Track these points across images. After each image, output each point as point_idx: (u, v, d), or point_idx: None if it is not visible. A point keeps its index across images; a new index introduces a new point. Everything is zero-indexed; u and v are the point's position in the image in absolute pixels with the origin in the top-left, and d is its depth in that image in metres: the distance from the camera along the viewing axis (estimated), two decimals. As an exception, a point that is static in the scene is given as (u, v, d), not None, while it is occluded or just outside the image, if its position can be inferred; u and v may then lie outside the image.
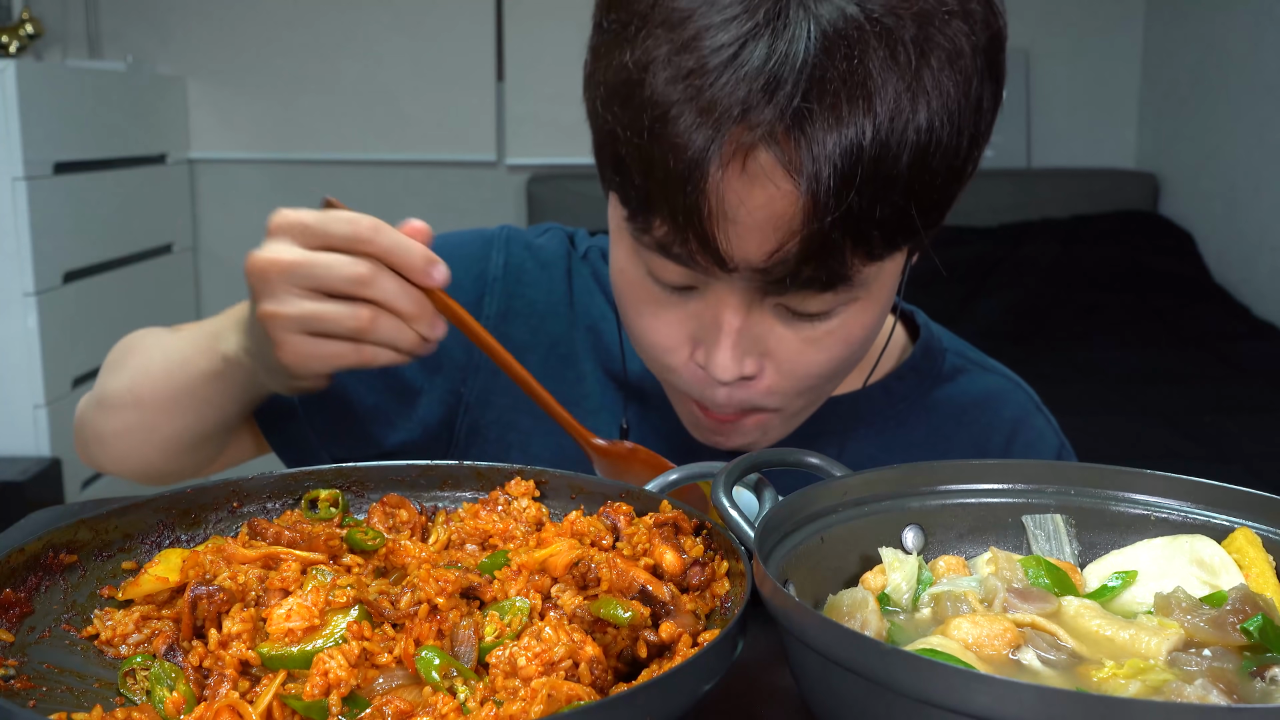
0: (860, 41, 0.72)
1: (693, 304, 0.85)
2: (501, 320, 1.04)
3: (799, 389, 0.87)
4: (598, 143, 0.83)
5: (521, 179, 3.73)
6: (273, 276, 0.79)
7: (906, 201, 0.76)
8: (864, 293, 0.83)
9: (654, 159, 0.75)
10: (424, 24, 3.66)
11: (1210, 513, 0.70)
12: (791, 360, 0.85)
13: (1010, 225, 3.61)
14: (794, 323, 0.84)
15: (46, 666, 0.59)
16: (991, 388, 1.08)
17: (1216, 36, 3.50)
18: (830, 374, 0.88)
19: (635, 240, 0.83)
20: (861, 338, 0.86)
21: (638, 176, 0.78)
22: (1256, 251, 3.34)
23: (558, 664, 0.56)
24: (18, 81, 2.62)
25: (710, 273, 0.80)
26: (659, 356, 0.88)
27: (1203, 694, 0.53)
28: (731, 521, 0.66)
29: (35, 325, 2.71)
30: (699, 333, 0.85)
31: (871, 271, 0.81)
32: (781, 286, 0.79)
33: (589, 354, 1.05)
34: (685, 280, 0.83)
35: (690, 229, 0.76)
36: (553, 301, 1.06)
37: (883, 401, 1.04)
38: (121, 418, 0.98)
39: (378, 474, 0.77)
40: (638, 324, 0.88)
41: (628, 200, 0.81)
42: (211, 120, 3.68)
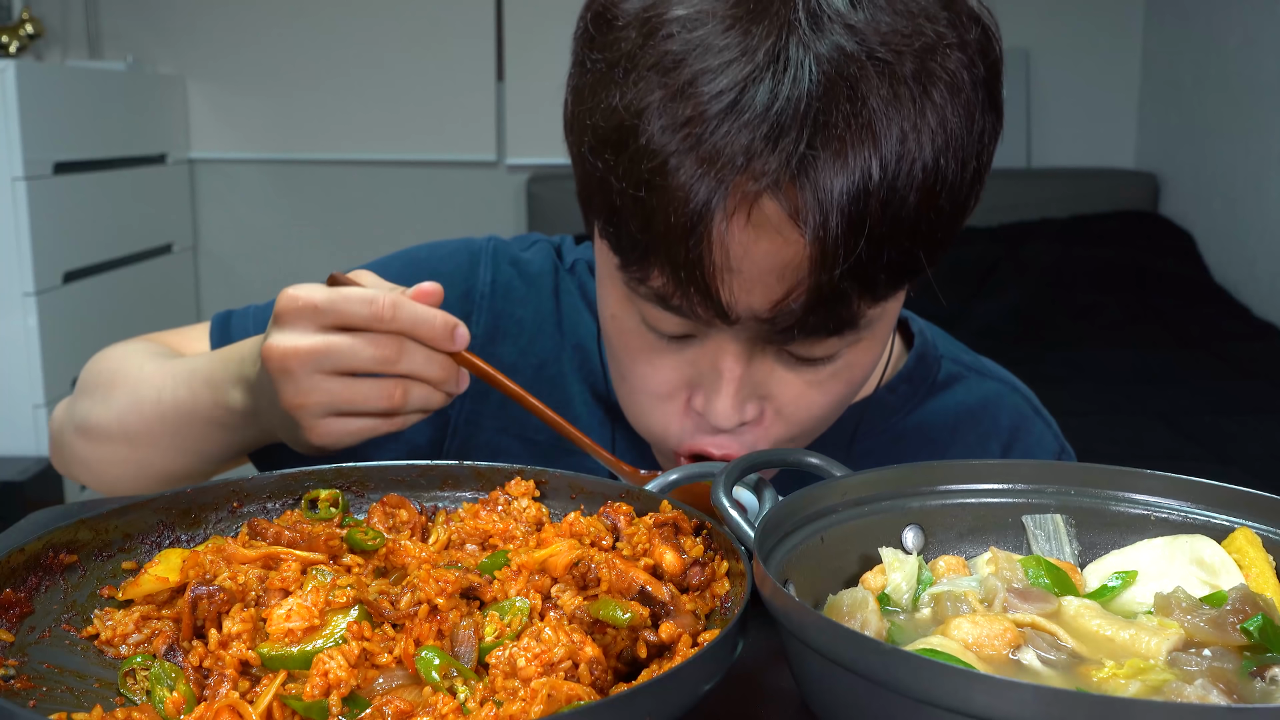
0: (862, 79, 0.70)
1: (690, 351, 0.82)
2: (489, 340, 1.02)
3: (796, 432, 0.85)
4: (584, 189, 0.80)
5: (521, 179, 3.73)
6: (294, 366, 0.77)
7: (913, 243, 0.74)
8: (868, 333, 0.81)
9: (653, 210, 0.72)
10: (424, 24, 3.66)
11: (1210, 513, 0.70)
12: (793, 403, 0.83)
13: (1010, 225, 3.61)
14: (797, 368, 0.81)
15: (46, 666, 0.59)
16: (988, 395, 1.06)
17: (1216, 36, 3.50)
18: (830, 415, 0.86)
19: (629, 289, 0.80)
20: (863, 376, 0.85)
21: (634, 227, 0.74)
22: (1256, 251, 3.34)
23: (557, 664, 0.56)
24: (18, 81, 2.62)
25: (711, 324, 0.78)
26: (652, 405, 0.85)
27: (1203, 694, 0.53)
28: (731, 521, 0.66)
29: (35, 325, 2.72)
30: (696, 379, 0.82)
31: (875, 313, 0.79)
32: (787, 335, 0.77)
33: (576, 374, 1.02)
34: (684, 330, 0.80)
35: (692, 282, 0.74)
36: (540, 320, 1.03)
37: (876, 415, 1.02)
38: (111, 450, 0.96)
39: (378, 474, 0.77)
40: (632, 371, 0.85)
41: (622, 250, 0.77)
42: (211, 120, 3.68)
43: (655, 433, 0.88)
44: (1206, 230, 3.58)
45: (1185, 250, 3.57)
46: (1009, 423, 1.06)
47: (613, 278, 0.82)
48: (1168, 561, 0.67)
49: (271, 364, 0.78)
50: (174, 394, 0.92)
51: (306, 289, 0.78)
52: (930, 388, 1.04)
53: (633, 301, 0.81)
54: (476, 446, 1.02)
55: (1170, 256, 3.53)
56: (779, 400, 0.83)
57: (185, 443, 0.93)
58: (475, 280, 1.04)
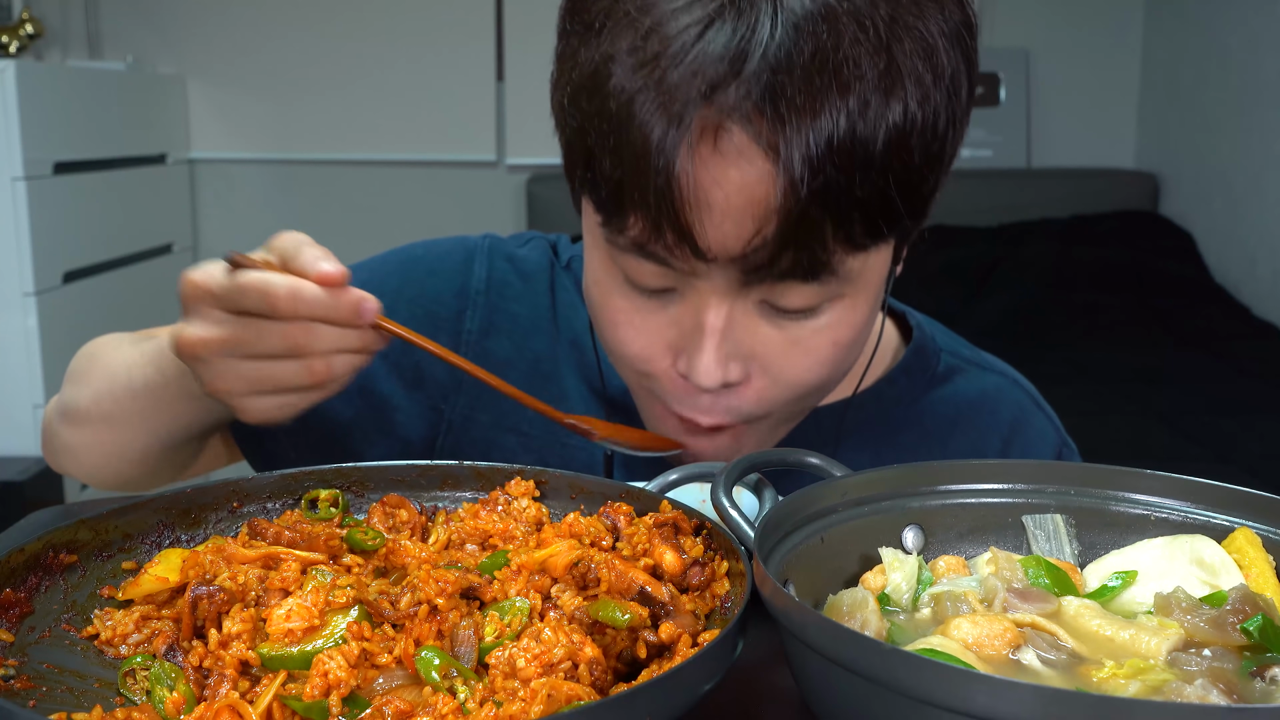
0: (830, 21, 0.71)
1: (672, 309, 0.82)
2: (484, 335, 1.02)
3: (787, 396, 0.85)
4: (567, 147, 0.81)
5: (521, 179, 3.73)
6: (205, 355, 0.77)
7: (885, 182, 0.74)
8: (850, 289, 0.81)
9: (622, 147, 0.74)
10: (424, 24, 3.66)
11: (1210, 513, 0.70)
12: (778, 364, 0.82)
13: (1010, 225, 3.61)
14: (779, 321, 0.81)
15: (46, 666, 0.59)
16: (988, 388, 1.06)
17: (1216, 36, 3.50)
18: (819, 381, 0.85)
19: (610, 245, 0.81)
20: (850, 340, 0.84)
21: (608, 169, 0.76)
22: (1256, 251, 3.34)
23: (557, 665, 0.56)
24: (18, 81, 2.62)
25: (689, 268, 0.78)
26: (638, 367, 0.85)
27: (1203, 694, 0.53)
28: (731, 521, 0.66)
29: (35, 325, 2.71)
30: (679, 340, 0.82)
31: (856, 265, 0.79)
32: (762, 275, 0.77)
33: (572, 369, 1.02)
34: (663, 282, 0.81)
35: (664, 218, 0.74)
36: (535, 316, 1.03)
37: (874, 408, 1.01)
38: (91, 433, 0.97)
39: (378, 474, 0.77)
40: (614, 335, 0.85)
41: (600, 200, 0.79)
42: (211, 120, 3.68)
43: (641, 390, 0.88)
44: (1206, 230, 3.58)
45: (1185, 250, 3.57)
46: (1009, 416, 1.05)
47: (596, 239, 0.83)
48: (1168, 561, 0.67)
49: (183, 354, 0.78)
50: (143, 371, 0.92)
51: (204, 273, 0.77)
52: (929, 380, 1.04)
53: (615, 261, 0.82)
54: (471, 442, 1.02)
55: (1170, 256, 3.52)
56: (764, 359, 0.82)
57: (158, 420, 0.92)
58: (470, 276, 1.04)
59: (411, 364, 1.02)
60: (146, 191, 3.35)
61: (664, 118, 0.72)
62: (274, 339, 0.75)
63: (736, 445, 0.89)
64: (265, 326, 0.75)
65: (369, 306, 0.77)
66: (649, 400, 0.89)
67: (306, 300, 0.75)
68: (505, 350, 1.02)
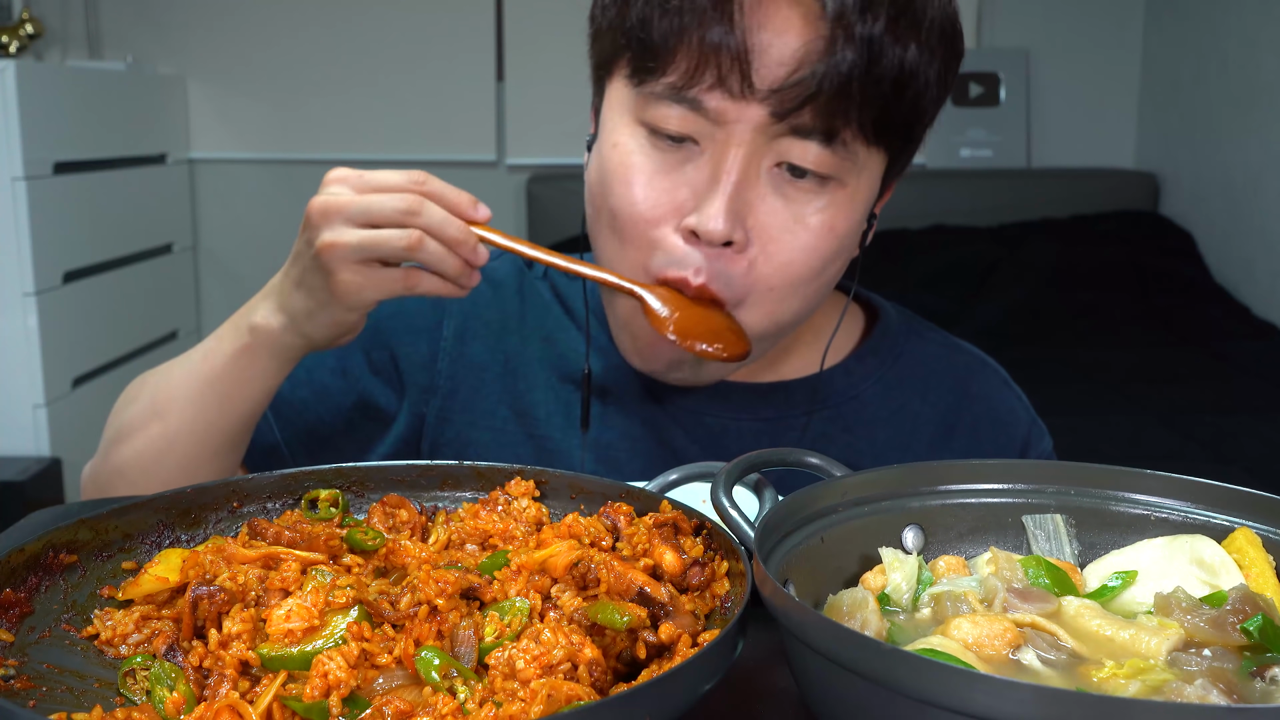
0: None
1: (689, 168, 0.88)
2: (459, 340, 1.07)
3: (774, 280, 0.89)
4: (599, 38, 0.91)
5: (521, 179, 3.73)
6: (331, 213, 0.85)
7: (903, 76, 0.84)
8: (852, 181, 0.88)
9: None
10: (424, 24, 3.66)
11: (1210, 513, 0.70)
12: (777, 237, 0.88)
13: (1010, 225, 3.61)
14: (787, 192, 0.87)
15: (46, 666, 0.59)
16: (957, 364, 1.09)
17: (1216, 36, 3.50)
18: (805, 270, 0.89)
19: (642, 101, 0.88)
20: (842, 233, 0.90)
21: (663, 21, 0.84)
22: (1256, 251, 3.34)
23: (556, 667, 0.56)
24: (18, 81, 2.61)
25: (719, 111, 0.84)
26: (640, 233, 0.89)
27: (1203, 694, 0.53)
28: (731, 521, 0.66)
29: (35, 325, 2.71)
30: (691, 200, 0.88)
31: (861, 156, 0.87)
32: (790, 123, 0.84)
33: (542, 364, 1.06)
34: (689, 128, 0.86)
35: (721, 49, 0.82)
36: (505, 318, 1.08)
37: (843, 383, 1.05)
38: (142, 437, 0.98)
39: (378, 474, 0.78)
40: (628, 195, 0.90)
41: (645, 50, 0.86)
42: (211, 120, 3.68)
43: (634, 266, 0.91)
44: (1206, 230, 3.58)
45: (1185, 250, 3.56)
46: (979, 392, 1.08)
47: (622, 105, 0.91)
48: (1168, 561, 0.67)
49: (314, 213, 0.86)
50: (202, 352, 0.97)
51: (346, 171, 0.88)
52: (895, 358, 1.07)
53: (641, 117, 0.89)
54: (446, 442, 1.06)
55: (1170, 256, 3.52)
56: (765, 232, 0.88)
57: (211, 392, 0.95)
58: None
59: (397, 375, 1.07)
60: (146, 191, 3.35)
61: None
62: (391, 203, 0.84)
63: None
64: (387, 195, 0.85)
65: (484, 206, 0.88)
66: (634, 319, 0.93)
67: (434, 180, 0.86)
68: (481, 353, 1.07)
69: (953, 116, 3.77)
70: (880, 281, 3.23)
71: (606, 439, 1.02)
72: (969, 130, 3.79)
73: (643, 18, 0.86)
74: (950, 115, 3.76)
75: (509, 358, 1.07)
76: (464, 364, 1.06)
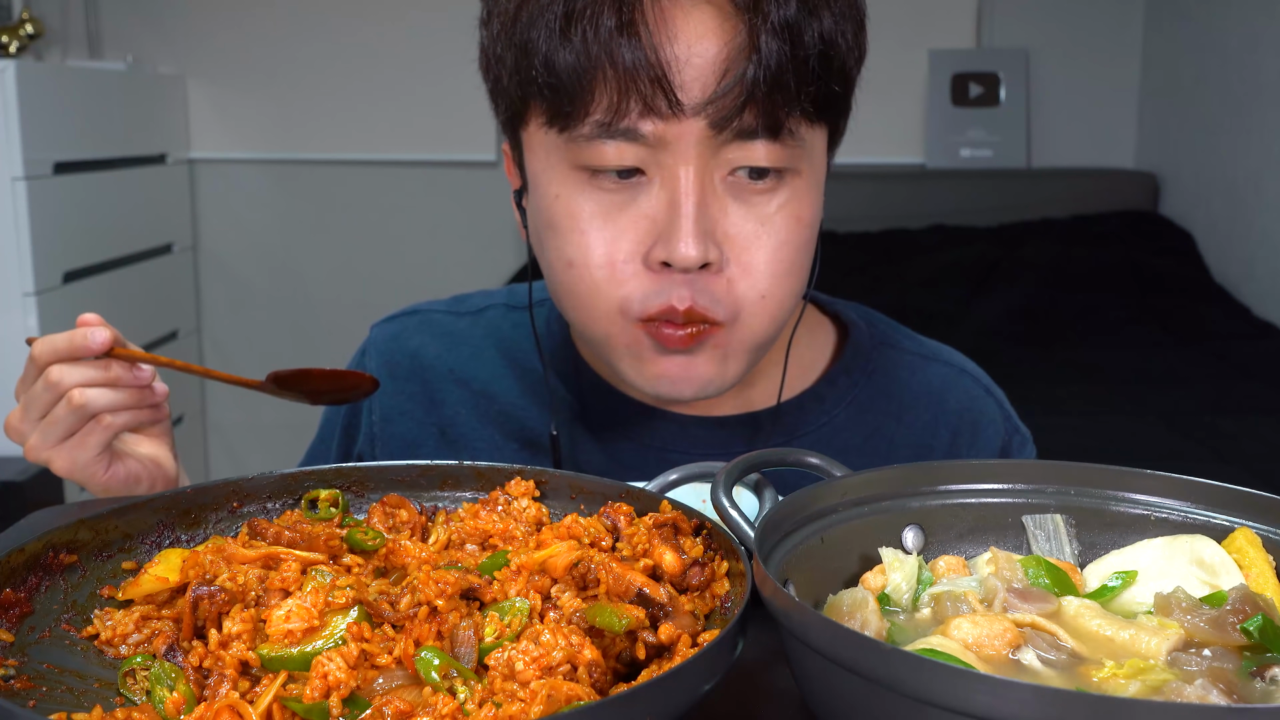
0: None
1: (641, 200, 0.84)
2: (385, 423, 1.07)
3: (760, 286, 0.86)
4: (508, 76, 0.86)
5: (521, 179, 3.73)
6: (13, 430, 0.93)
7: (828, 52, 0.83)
8: (806, 166, 0.86)
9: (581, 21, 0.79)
10: (424, 24, 3.66)
11: (1210, 513, 0.70)
12: (748, 245, 0.85)
13: (1010, 225, 3.61)
14: (746, 198, 0.85)
15: (46, 666, 0.59)
16: (932, 378, 1.05)
17: (1216, 36, 3.50)
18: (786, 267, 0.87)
19: (570, 147, 0.84)
20: (809, 220, 0.88)
21: (566, 55, 0.80)
22: (1256, 251, 3.34)
23: (555, 668, 0.56)
24: (18, 81, 2.61)
25: (658, 135, 0.81)
26: (609, 280, 0.85)
27: (1203, 694, 0.53)
28: (731, 521, 0.66)
29: (35, 325, 2.71)
30: (651, 232, 0.84)
31: (808, 137, 0.85)
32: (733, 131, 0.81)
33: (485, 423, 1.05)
34: (631, 159, 0.83)
35: (637, 76, 0.79)
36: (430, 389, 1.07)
37: (814, 409, 1.02)
38: None
39: (378, 474, 0.77)
40: (581, 244, 0.86)
41: (558, 96, 0.82)
42: (211, 120, 3.68)
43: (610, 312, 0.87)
44: (1206, 230, 3.58)
45: (1185, 250, 3.56)
46: (956, 405, 1.04)
47: (550, 157, 0.86)
48: (1168, 561, 0.67)
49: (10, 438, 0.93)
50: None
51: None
52: (868, 377, 1.03)
53: (575, 163, 0.85)
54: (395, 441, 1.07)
55: (1170, 256, 3.52)
56: (735, 243, 0.85)
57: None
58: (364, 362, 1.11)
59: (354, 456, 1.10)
60: (146, 191, 3.35)
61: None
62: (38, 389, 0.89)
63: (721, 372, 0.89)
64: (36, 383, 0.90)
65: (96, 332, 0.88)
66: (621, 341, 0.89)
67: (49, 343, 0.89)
68: (410, 429, 1.06)
69: (953, 116, 3.77)
70: (880, 282, 3.24)
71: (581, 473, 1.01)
72: (969, 130, 3.78)
73: (546, 60, 0.81)
74: (950, 115, 3.77)
75: (443, 428, 1.05)
76: (396, 444, 1.06)
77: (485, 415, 1.05)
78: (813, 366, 1.04)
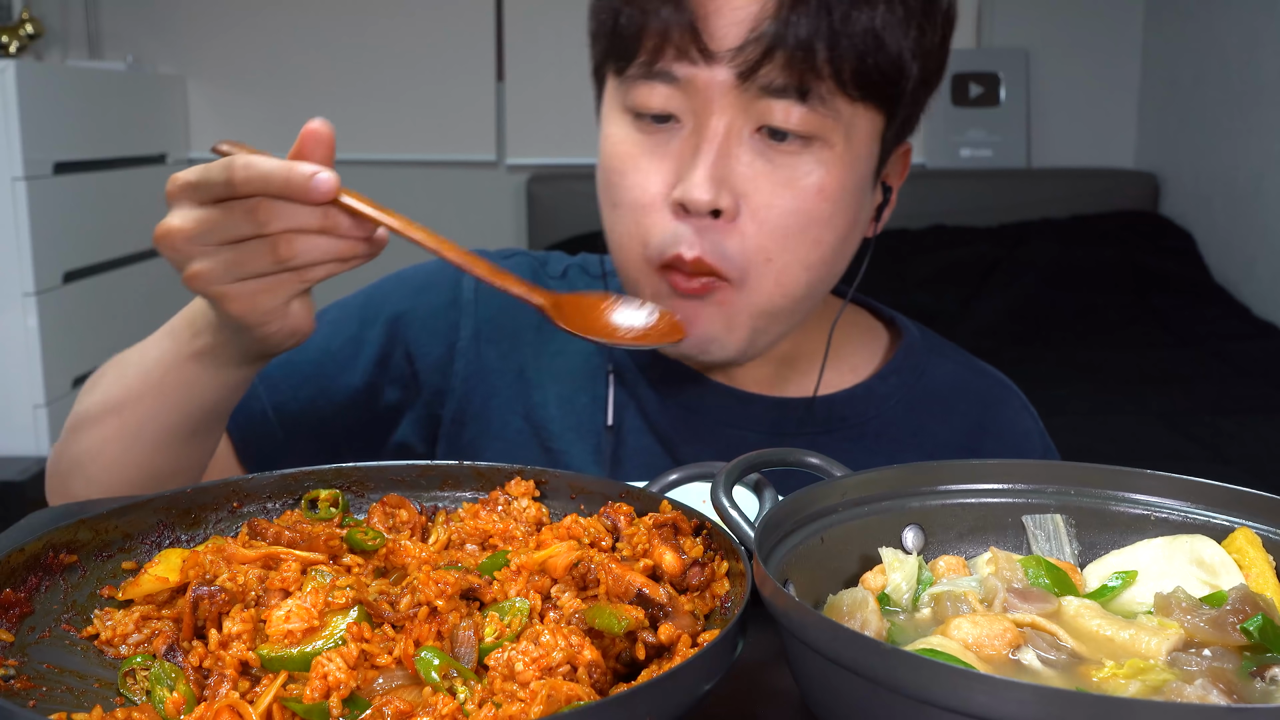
0: None
1: (674, 144, 0.89)
2: (475, 342, 1.06)
3: (769, 247, 0.89)
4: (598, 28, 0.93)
5: (521, 179, 3.73)
6: (180, 245, 0.78)
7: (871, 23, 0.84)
8: (840, 141, 0.88)
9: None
10: (424, 24, 3.66)
11: (1210, 513, 0.70)
12: (765, 201, 0.88)
13: (1010, 225, 3.61)
14: (771, 155, 0.88)
15: (46, 666, 0.59)
16: (979, 387, 1.09)
17: (1216, 36, 3.50)
18: (800, 234, 0.89)
19: (625, 87, 0.90)
20: (834, 195, 0.89)
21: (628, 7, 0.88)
22: (1256, 251, 3.34)
23: (555, 669, 0.56)
24: (18, 81, 2.62)
25: (692, 78, 0.86)
26: (640, 222, 0.90)
27: (1203, 694, 0.53)
28: (731, 521, 0.66)
29: (35, 325, 2.71)
30: (678, 172, 0.89)
31: (845, 112, 0.87)
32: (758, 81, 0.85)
33: (555, 375, 1.05)
34: (670, 104, 0.88)
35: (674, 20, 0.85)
36: (519, 327, 1.07)
37: (865, 401, 1.04)
38: (100, 431, 0.93)
39: (378, 474, 0.77)
40: (621, 183, 0.91)
41: (621, 38, 0.89)
42: (211, 120, 3.68)
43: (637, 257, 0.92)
44: (1206, 230, 3.58)
45: (1185, 250, 3.57)
46: (999, 416, 1.08)
47: (611, 101, 0.93)
48: (1168, 561, 0.67)
49: (161, 248, 0.79)
50: (156, 347, 0.91)
51: (187, 170, 0.79)
52: (918, 378, 1.06)
53: (626, 103, 0.91)
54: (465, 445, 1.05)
55: (1170, 256, 3.52)
56: (752, 197, 0.88)
57: (172, 394, 0.90)
58: (460, 289, 1.07)
59: (410, 372, 1.05)
60: (146, 191, 3.35)
61: None
62: (235, 218, 0.76)
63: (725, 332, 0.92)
64: (227, 207, 0.76)
65: (322, 179, 0.76)
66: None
67: (257, 172, 0.75)
68: (493, 358, 1.05)
69: (953, 116, 3.77)
70: (880, 282, 3.23)
71: (621, 453, 1.02)
72: (969, 130, 3.79)
73: (613, 10, 0.89)
74: (950, 115, 3.77)
75: (523, 366, 1.06)
76: (479, 368, 1.05)
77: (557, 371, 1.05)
78: (865, 365, 1.07)
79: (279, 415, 1.03)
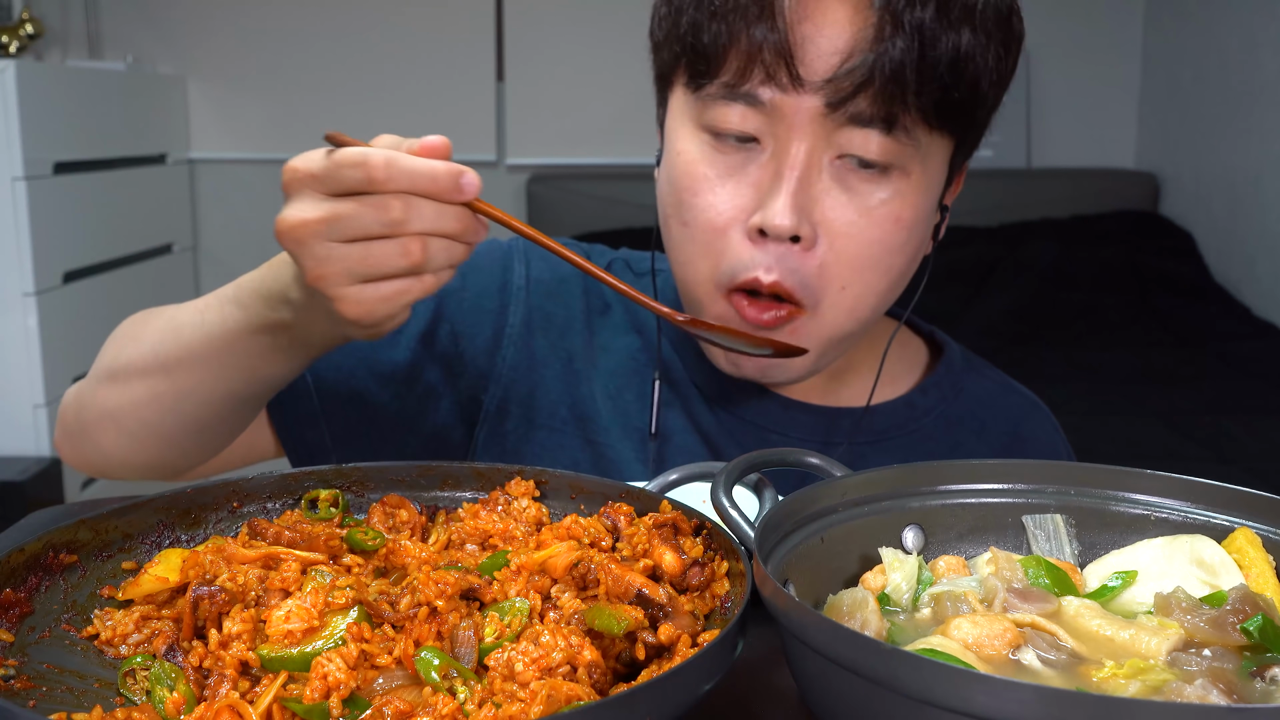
0: None
1: (752, 167, 0.88)
2: (525, 330, 1.04)
3: (846, 276, 0.88)
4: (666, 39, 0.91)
5: (521, 179, 3.73)
6: (306, 238, 0.74)
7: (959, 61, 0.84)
8: (916, 168, 0.87)
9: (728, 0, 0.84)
10: (424, 24, 3.66)
11: (1210, 513, 0.70)
12: (844, 232, 0.87)
13: (1010, 225, 3.61)
14: (851, 184, 0.87)
15: (46, 666, 0.59)
16: (1012, 405, 1.10)
17: (1216, 36, 3.50)
18: (876, 263, 0.89)
19: (700, 105, 0.88)
20: (909, 223, 0.89)
21: (712, 24, 0.85)
22: (1256, 251, 3.34)
23: (555, 669, 0.56)
24: (18, 81, 2.61)
25: (776, 104, 0.84)
26: (711, 243, 0.89)
27: (1203, 694, 0.53)
28: (731, 521, 0.66)
29: (35, 325, 2.71)
30: (756, 200, 0.87)
31: (924, 141, 0.86)
32: (846, 112, 0.84)
33: (602, 369, 1.05)
34: (749, 126, 0.87)
35: (765, 43, 0.83)
36: (570, 317, 1.06)
37: (904, 415, 1.05)
38: (145, 387, 0.90)
39: (378, 474, 0.77)
40: (694, 205, 0.89)
41: (696, 61, 0.87)
42: (211, 120, 3.68)
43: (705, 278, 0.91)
44: (1206, 230, 3.58)
45: (1185, 250, 3.57)
46: (1031, 434, 1.09)
47: (683, 115, 0.91)
48: (1168, 561, 0.67)
49: (285, 240, 0.75)
50: (220, 313, 0.87)
51: (305, 158, 0.75)
52: (956, 394, 1.07)
53: (701, 123, 0.89)
54: (505, 433, 1.03)
55: (1170, 256, 3.52)
56: (831, 227, 0.87)
57: (233, 363, 0.86)
58: (511, 274, 1.06)
59: (455, 353, 1.03)
60: (146, 191, 3.35)
61: None
62: (370, 214, 0.72)
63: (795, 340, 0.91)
64: (362, 202, 0.72)
65: (470, 179, 0.75)
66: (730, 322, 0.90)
67: (404, 168, 0.72)
68: (543, 347, 1.05)
69: (953, 116, 3.77)
70: (880, 281, 3.23)
71: (664, 452, 1.01)
72: (969, 130, 3.78)
73: (694, 23, 0.87)
74: (950, 115, 3.76)
75: (571, 357, 1.05)
76: (527, 356, 1.03)
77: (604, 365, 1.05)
78: (904, 378, 1.07)
79: (317, 382, 0.99)
